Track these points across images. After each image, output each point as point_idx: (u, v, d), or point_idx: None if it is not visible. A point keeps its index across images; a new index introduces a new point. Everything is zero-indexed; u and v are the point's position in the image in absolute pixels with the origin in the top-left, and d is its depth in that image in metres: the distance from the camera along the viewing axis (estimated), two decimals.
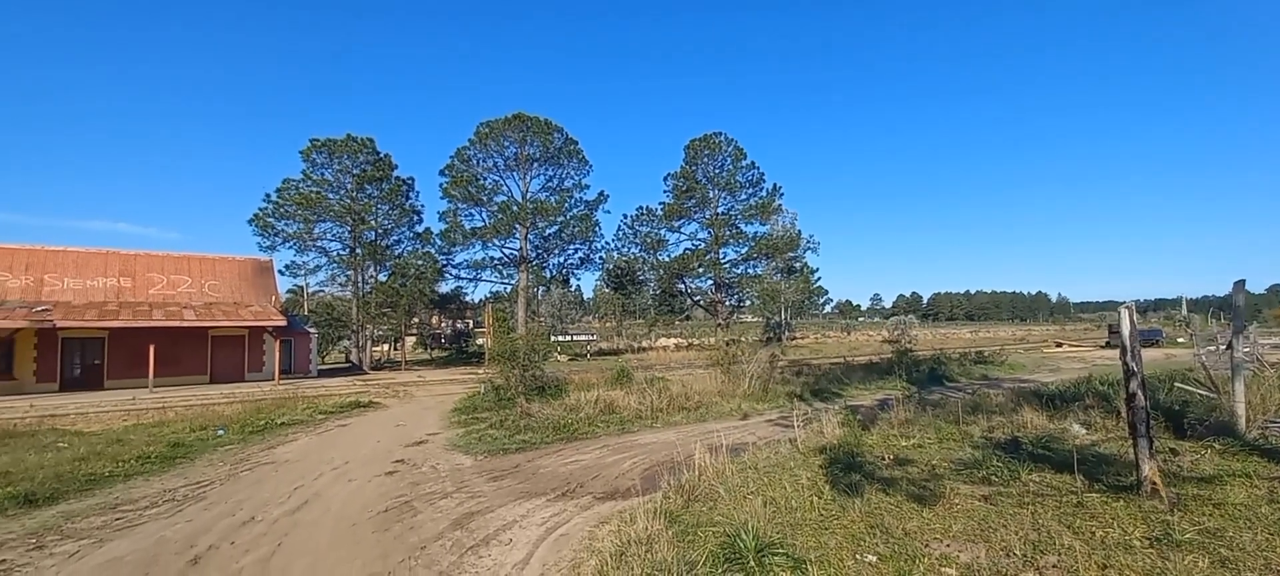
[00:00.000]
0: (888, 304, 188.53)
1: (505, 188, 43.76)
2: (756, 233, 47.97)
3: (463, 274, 45.58)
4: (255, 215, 38.71)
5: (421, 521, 7.82)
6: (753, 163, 46.74)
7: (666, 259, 48.30)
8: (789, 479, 8.31)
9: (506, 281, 46.79)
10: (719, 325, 48.15)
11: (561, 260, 47.44)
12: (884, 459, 9.18)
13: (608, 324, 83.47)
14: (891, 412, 13.09)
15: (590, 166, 44.77)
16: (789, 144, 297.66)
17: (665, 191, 48.80)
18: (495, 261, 45.16)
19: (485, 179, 42.88)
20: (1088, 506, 6.27)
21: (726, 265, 48.15)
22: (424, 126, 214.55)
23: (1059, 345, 54.06)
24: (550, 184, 45.10)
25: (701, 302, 52.23)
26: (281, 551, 6.75)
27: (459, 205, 42.61)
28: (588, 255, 47.29)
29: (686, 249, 48.48)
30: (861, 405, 17.10)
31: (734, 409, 17.79)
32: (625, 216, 49.52)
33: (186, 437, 15.01)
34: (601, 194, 45.46)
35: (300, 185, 39.55)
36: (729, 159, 46.86)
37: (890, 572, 5.04)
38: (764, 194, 47.05)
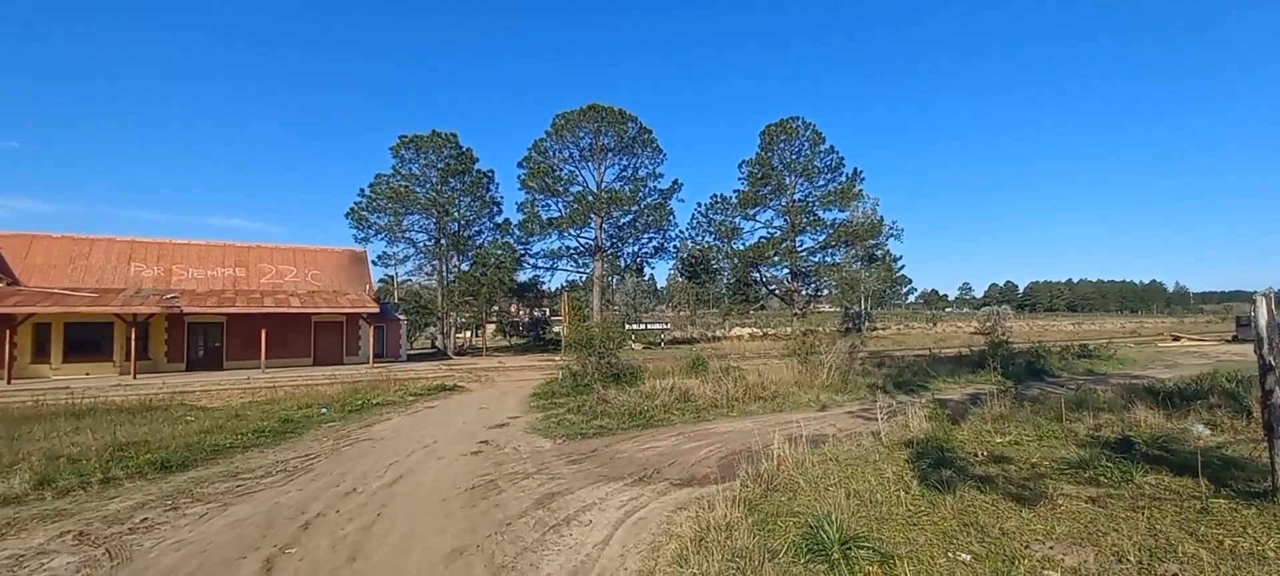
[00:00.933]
0: (978, 293, 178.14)
1: (581, 178, 44.49)
2: (835, 219, 46.49)
3: (540, 263, 46.85)
4: (351, 209, 41.31)
5: (506, 499, 8.12)
6: (831, 147, 45.25)
7: (741, 247, 47.73)
8: (873, 472, 8.04)
9: (582, 270, 47.71)
10: (795, 315, 47.17)
11: (636, 249, 47.78)
12: (977, 455, 8.70)
13: (681, 313, 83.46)
14: (984, 407, 12.37)
15: (664, 155, 44.76)
16: (871, 127, 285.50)
17: (740, 178, 48.15)
18: (571, 251, 46.12)
19: (561, 170, 43.74)
20: (1213, 513, 5.69)
21: (803, 253, 47.02)
22: (503, 120, 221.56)
23: (1176, 339, 49.21)
24: (625, 173, 45.43)
25: (777, 292, 51.32)
26: (381, 521, 7.20)
27: (536, 196, 43.73)
28: (662, 244, 47.41)
29: (762, 237, 47.73)
30: (950, 399, 16.26)
31: (811, 400, 17.38)
32: (699, 205, 49.31)
33: (294, 414, 16.25)
34: (675, 182, 45.36)
35: (390, 180, 41.78)
36: (806, 144, 45.59)
37: (986, 572, 4.77)
38: (843, 179, 45.49)
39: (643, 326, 52.48)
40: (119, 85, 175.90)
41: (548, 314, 64.87)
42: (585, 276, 48.63)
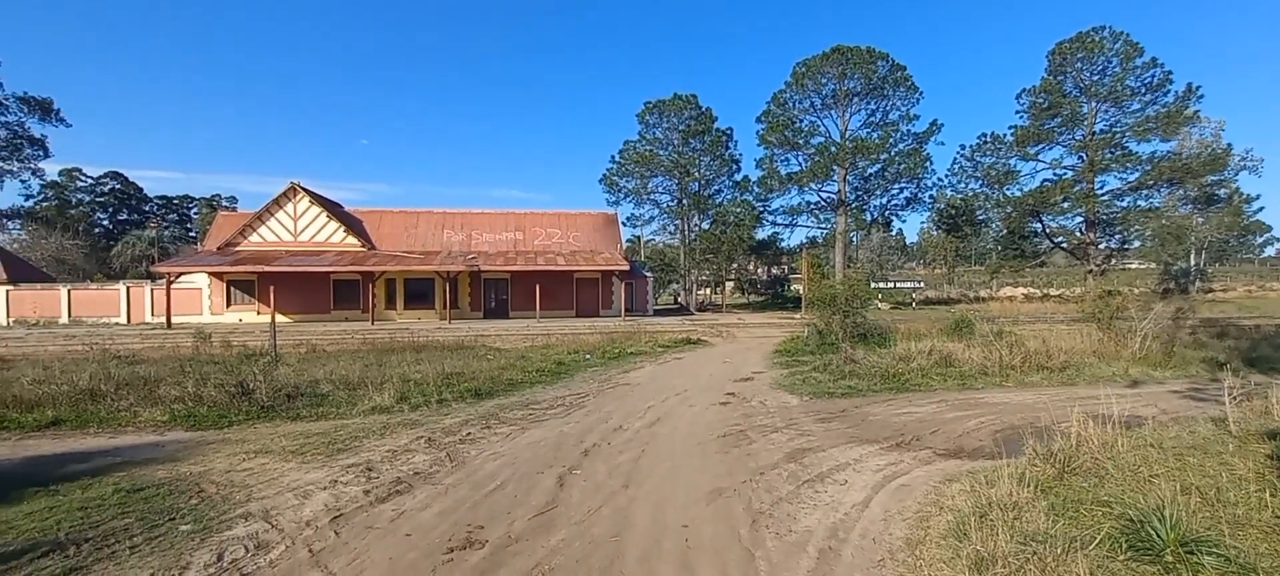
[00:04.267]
0: None
1: (823, 128, 42.30)
2: (1155, 153, 37.07)
3: (779, 220, 46.09)
4: (603, 175, 45.19)
5: (756, 450, 8.30)
6: (1153, 59, 35.88)
7: (1017, 193, 40.99)
8: (1215, 465, 6.42)
9: (823, 226, 45.77)
10: (1090, 272, 39.31)
11: (884, 201, 44.11)
12: None
13: (935, 270, 75.45)
14: None
15: (920, 94, 40.14)
16: (1216, 22, 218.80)
17: (1018, 111, 41.08)
18: (811, 206, 44.46)
19: (802, 121, 42.06)
20: None
21: (1104, 197, 38.65)
22: (742, 77, 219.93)
23: None
24: (872, 119, 41.94)
25: (1064, 244, 43.28)
26: (645, 457, 7.94)
27: (775, 151, 42.81)
28: (915, 194, 43.00)
29: (1046, 180, 40.40)
30: None
31: (1117, 373, 14.42)
32: (963, 148, 43.49)
33: (565, 359, 18.63)
34: (933, 124, 40.54)
35: (637, 145, 44.56)
36: (1115, 59, 36.89)
37: None
38: (1169, 100, 35.94)
39: (890, 285, 48.58)
40: (428, 87, 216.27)
41: (786, 271, 63.89)
42: (826, 232, 46.56)
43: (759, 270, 66.03)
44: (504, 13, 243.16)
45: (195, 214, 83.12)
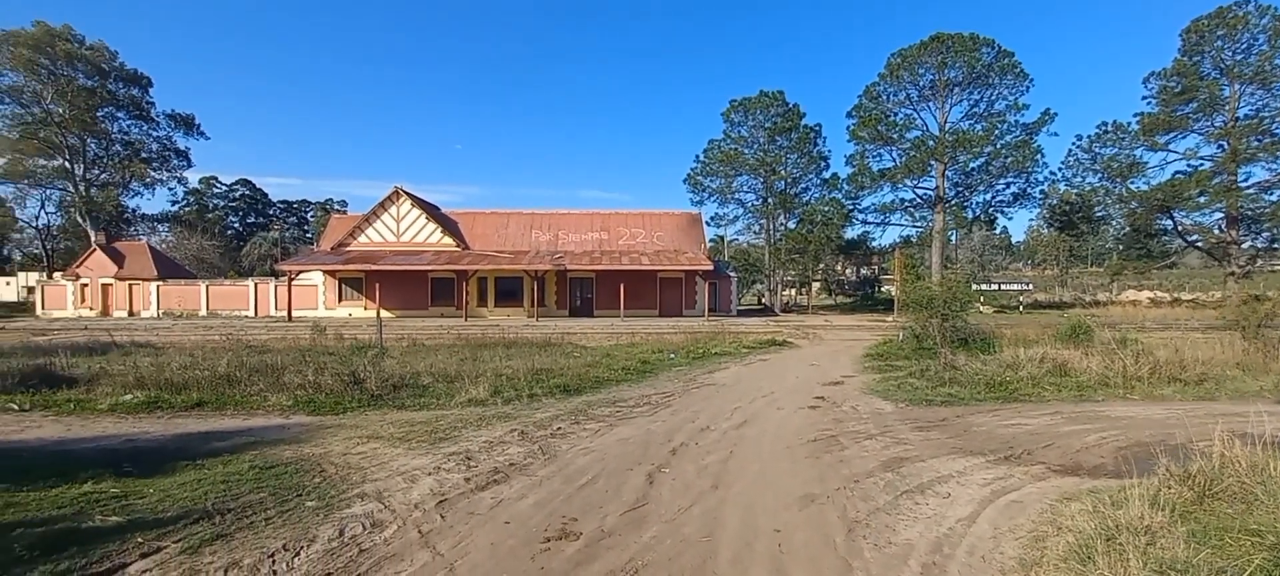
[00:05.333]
0: None
1: (919, 122, 40.29)
2: None
3: (870, 218, 44.37)
4: (687, 175, 45.16)
5: (849, 456, 8.03)
6: None
7: (1143, 187, 37.23)
8: None
9: (918, 224, 43.58)
10: (1231, 274, 35.19)
11: (988, 198, 41.43)
12: None
13: (1046, 271, 69.92)
14: None
15: (1029, 82, 37.33)
16: None
17: (1145, 97, 37.40)
18: (906, 204, 42.46)
19: (896, 115, 40.24)
20: None
21: (1249, 190, 34.45)
22: (830, 71, 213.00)
23: None
24: (975, 110, 39.50)
25: (1200, 243, 38.96)
26: (734, 458, 7.87)
27: (867, 147, 41.20)
28: (1023, 190, 40.05)
29: (1178, 172, 36.55)
30: None
31: (1266, 388, 12.80)
32: (1079, 138, 40.00)
33: (650, 357, 18.76)
34: (1045, 114, 37.65)
35: (721, 144, 44.21)
36: (1262, 36, 32.92)
37: None
38: None
39: (994, 287, 45.48)
40: (515, 92, 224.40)
41: (877, 272, 61.31)
42: (922, 231, 44.27)
43: (847, 270, 63.72)
44: (586, 15, 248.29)
45: (311, 216, 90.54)
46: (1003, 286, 47.69)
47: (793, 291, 60.64)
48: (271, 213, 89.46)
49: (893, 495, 6.51)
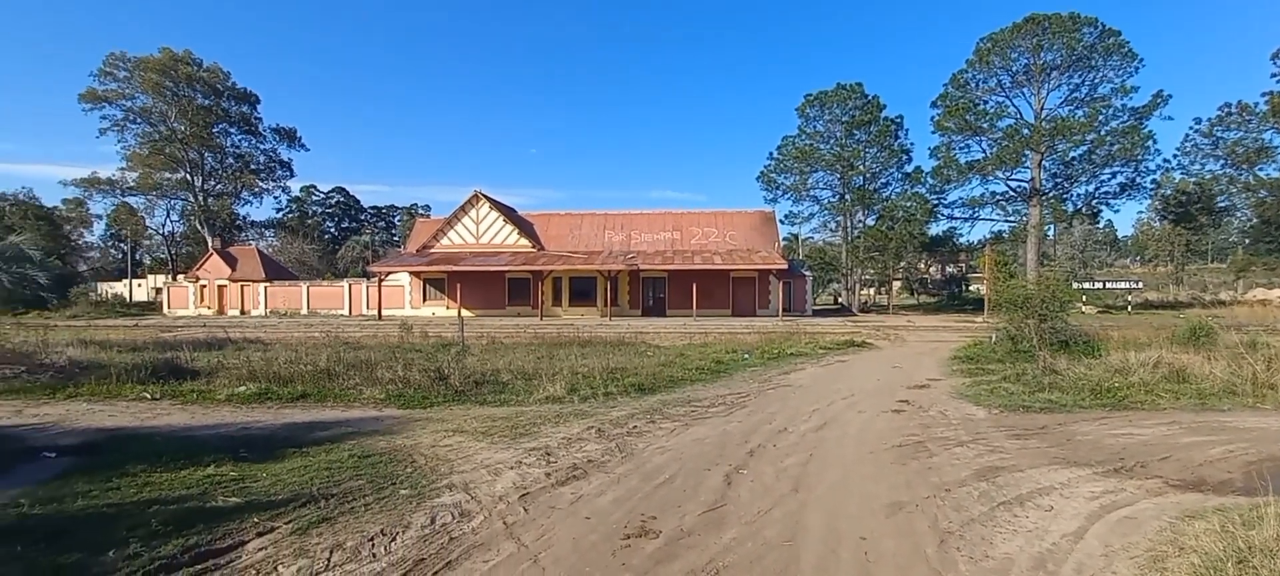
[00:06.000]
0: None
1: (1012, 109, 37.87)
2: None
3: (956, 213, 42.16)
4: (761, 172, 44.47)
5: (938, 464, 7.65)
6: None
7: (1274, 174, 33.43)
8: None
9: (1011, 219, 41.00)
10: None
11: (1090, 189, 38.36)
12: None
13: (1157, 268, 64.04)
14: None
15: (1139, 62, 34.28)
16: None
17: (1275, 75, 33.76)
18: (997, 197, 40.01)
19: (986, 103, 37.98)
20: None
21: None
22: (911, 61, 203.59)
23: None
24: (1076, 95, 36.68)
25: None
26: (814, 461, 7.67)
27: (953, 138, 39.14)
28: (1132, 180, 36.83)
29: None
30: None
31: None
32: (1197, 122, 36.44)
33: (723, 357, 18.59)
34: (1156, 96, 34.46)
35: (796, 140, 43.23)
36: None
37: None
38: None
39: (1098, 285, 42.03)
40: (586, 92, 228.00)
41: (964, 269, 58.08)
42: (1014, 226, 41.57)
43: (931, 269, 60.73)
44: (653, 11, 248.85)
45: (398, 221, 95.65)
46: (1108, 285, 43.94)
47: (871, 291, 58.44)
48: (362, 217, 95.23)
49: (988, 506, 6.15)
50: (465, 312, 33.74)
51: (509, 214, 40.01)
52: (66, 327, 27.86)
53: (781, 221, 44.40)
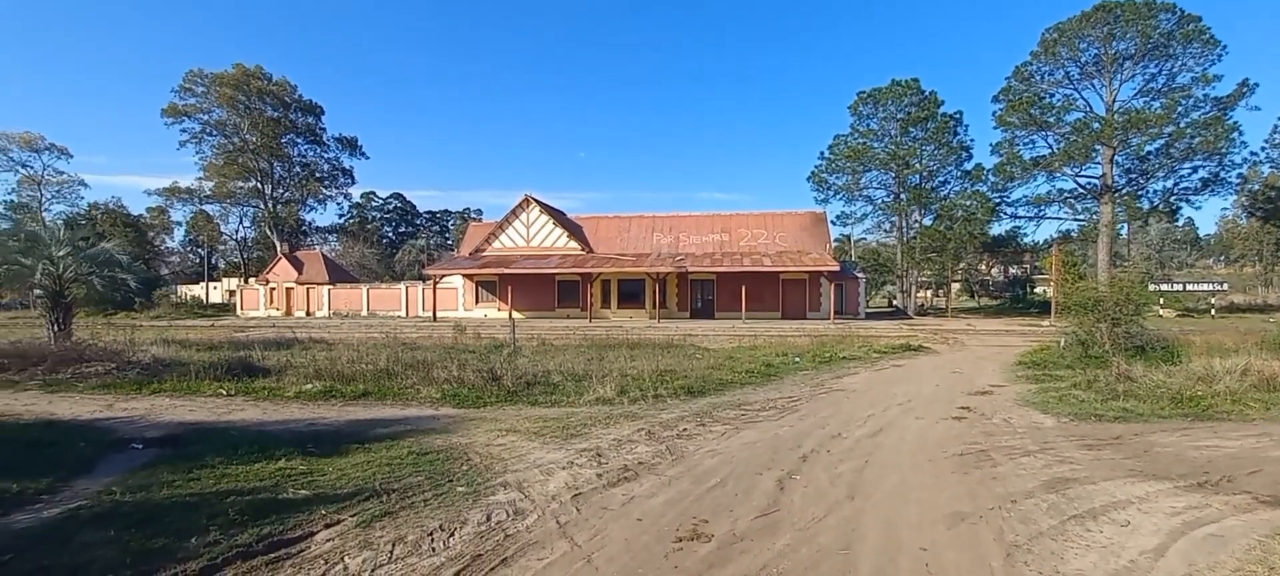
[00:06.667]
0: None
1: (1080, 102, 36.09)
2: None
3: (1020, 212, 40.44)
4: (812, 172, 43.70)
5: (1003, 474, 7.34)
6: None
7: None
8: None
9: (1079, 217, 39.03)
10: None
11: (1168, 184, 36.18)
12: None
13: (1244, 269, 59.69)
14: None
15: (1221, 49, 32.05)
16: None
17: None
18: (1064, 194, 38.18)
19: (1052, 96, 36.30)
20: None
21: None
22: (969, 54, 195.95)
23: None
24: (1152, 85, 34.64)
25: None
26: (870, 468, 7.49)
27: (1017, 133, 37.54)
28: (1215, 174, 34.49)
29: None
30: None
31: None
32: None
33: (773, 360, 18.33)
34: (1242, 85, 32.15)
35: (848, 139, 42.31)
36: None
37: None
38: None
39: (1177, 287, 39.45)
40: (634, 93, 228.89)
41: (1029, 270, 55.51)
42: (1083, 225, 39.49)
43: (993, 270, 58.30)
44: (701, 14, 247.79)
45: (452, 225, 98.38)
46: (1188, 287, 41.18)
47: (928, 293, 56.51)
48: (418, 222, 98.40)
49: (1058, 519, 5.86)
50: (516, 314, 34.40)
51: (558, 217, 40.58)
52: (151, 327, 29.81)
53: (833, 222, 43.50)
